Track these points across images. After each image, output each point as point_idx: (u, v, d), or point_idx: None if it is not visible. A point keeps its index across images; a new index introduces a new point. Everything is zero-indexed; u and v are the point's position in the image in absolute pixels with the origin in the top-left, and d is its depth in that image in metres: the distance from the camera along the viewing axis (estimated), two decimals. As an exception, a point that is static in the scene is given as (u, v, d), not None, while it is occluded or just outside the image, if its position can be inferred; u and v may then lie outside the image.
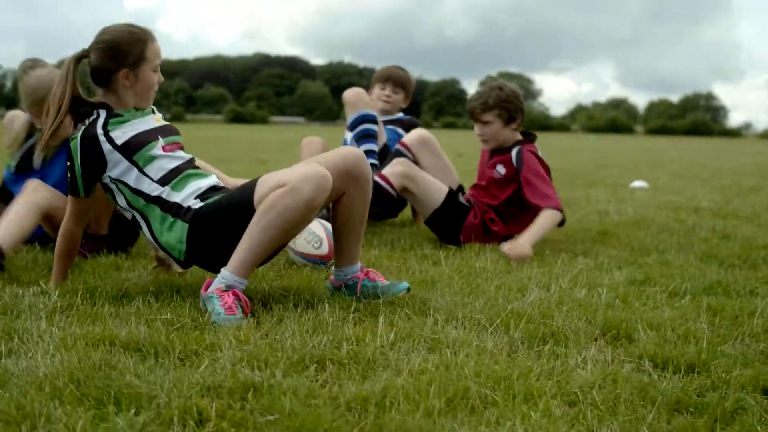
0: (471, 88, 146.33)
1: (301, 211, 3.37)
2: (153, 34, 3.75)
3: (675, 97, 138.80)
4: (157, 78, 3.78)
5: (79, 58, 3.72)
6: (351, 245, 3.80)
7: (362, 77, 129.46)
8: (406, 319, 3.31)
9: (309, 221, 3.62)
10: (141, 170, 3.63)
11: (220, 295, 3.33)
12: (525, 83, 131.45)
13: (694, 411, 2.41)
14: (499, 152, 5.50)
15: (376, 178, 5.22)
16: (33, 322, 3.15)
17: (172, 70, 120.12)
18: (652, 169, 16.26)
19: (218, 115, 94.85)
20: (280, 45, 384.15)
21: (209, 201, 3.62)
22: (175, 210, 3.60)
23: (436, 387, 2.46)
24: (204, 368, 2.63)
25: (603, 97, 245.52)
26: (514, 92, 5.47)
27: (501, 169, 5.43)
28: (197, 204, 3.61)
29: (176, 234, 3.59)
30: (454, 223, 5.44)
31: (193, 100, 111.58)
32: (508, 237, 5.29)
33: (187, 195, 3.63)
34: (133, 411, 2.25)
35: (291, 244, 4.43)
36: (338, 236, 3.80)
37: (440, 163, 5.81)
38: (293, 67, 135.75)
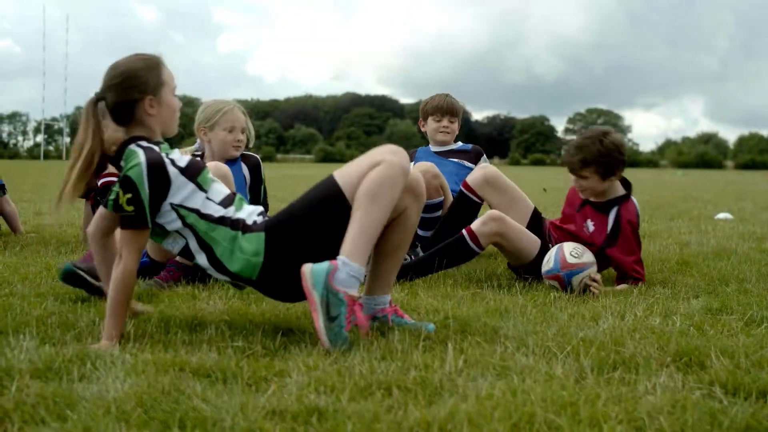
0: (560, 125, 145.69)
1: (401, 180, 3.48)
2: (162, 59, 3.70)
3: (766, 132, 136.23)
4: (176, 102, 3.75)
5: (96, 101, 3.59)
6: (390, 271, 3.81)
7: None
8: (476, 346, 3.31)
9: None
10: (205, 193, 3.55)
11: (350, 304, 3.30)
12: (614, 119, 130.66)
13: (764, 437, 2.36)
14: (593, 205, 5.21)
15: (464, 233, 5.08)
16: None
17: (264, 110, 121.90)
18: (738, 201, 15.98)
19: (308, 155, 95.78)
20: (369, 85, 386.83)
21: (273, 216, 3.58)
22: (243, 226, 3.52)
23: (501, 412, 2.45)
24: (271, 393, 2.66)
25: (692, 133, 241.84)
26: (615, 145, 5.08)
27: (590, 226, 5.18)
28: (261, 219, 3.58)
29: (251, 246, 3.45)
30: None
31: (284, 140, 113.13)
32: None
33: (249, 214, 3.60)
34: (198, 433, 2.29)
35: None
36: (381, 259, 3.78)
37: (511, 198, 5.50)
38: (382, 106, 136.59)
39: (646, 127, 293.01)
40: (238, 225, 3.51)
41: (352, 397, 2.64)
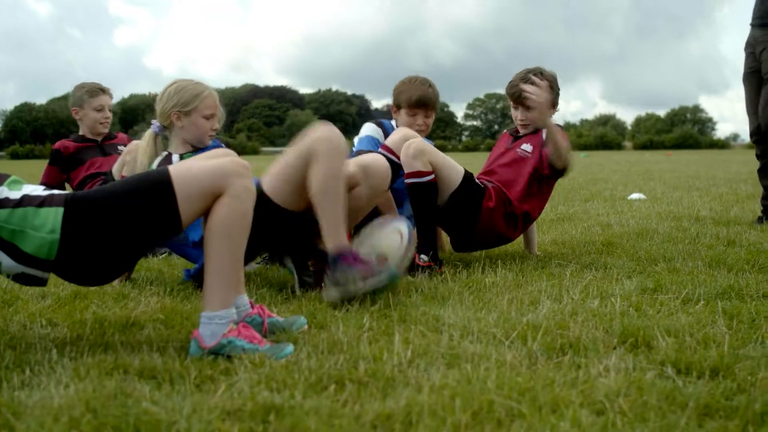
0: (459, 111, 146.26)
1: (251, 207, 3.21)
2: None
3: (662, 112, 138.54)
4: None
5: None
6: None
7: (351, 104, 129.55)
8: (420, 336, 3.27)
9: None
10: None
11: (236, 334, 3.10)
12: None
13: (723, 415, 2.36)
14: (527, 134, 5.45)
15: (384, 153, 5.01)
16: (43, 354, 3.10)
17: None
18: (647, 181, 16.23)
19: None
20: (269, 76, 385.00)
21: (79, 192, 3.15)
22: (27, 201, 3.05)
23: (460, 401, 2.41)
24: (222, 392, 2.59)
25: (591, 115, 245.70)
26: (555, 75, 5.44)
27: (527, 147, 5.33)
28: (58, 192, 3.14)
29: (44, 223, 3.01)
30: (473, 206, 5.06)
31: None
32: (527, 215, 5.28)
33: (32, 190, 3.13)
34: (154, 438, 2.21)
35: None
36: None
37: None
38: (282, 97, 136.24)
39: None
40: (23, 202, 3.03)
41: (305, 392, 2.58)
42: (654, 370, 2.76)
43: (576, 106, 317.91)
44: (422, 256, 4.92)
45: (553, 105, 5.38)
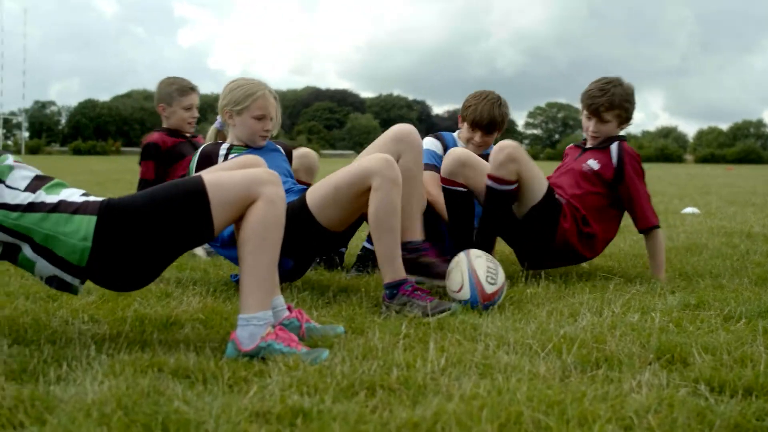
0: (520, 119, 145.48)
1: (284, 212, 3.28)
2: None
3: (725, 126, 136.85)
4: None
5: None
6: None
7: (411, 109, 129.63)
8: (456, 345, 3.28)
9: None
10: (2, 182, 3.11)
11: (273, 337, 3.10)
12: (574, 113, 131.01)
13: (753, 435, 2.34)
14: (593, 148, 5.21)
15: (489, 182, 4.81)
16: (82, 350, 3.15)
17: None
18: (703, 195, 16.08)
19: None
20: (331, 79, 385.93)
21: (112, 200, 3.18)
22: (63, 207, 3.12)
23: (488, 412, 2.42)
24: (253, 394, 2.61)
25: (652, 127, 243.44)
26: (632, 90, 5.22)
27: (594, 164, 5.09)
28: (93, 198, 3.19)
29: (77, 230, 3.07)
30: (551, 222, 4.90)
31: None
32: (606, 240, 5.20)
33: (69, 195, 3.18)
34: (182, 437, 2.24)
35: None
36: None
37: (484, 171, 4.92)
38: (343, 100, 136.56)
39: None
40: (58, 208, 3.09)
41: (335, 397, 2.60)
42: (687, 387, 2.74)
43: (638, 117, 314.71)
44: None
45: (627, 119, 5.24)
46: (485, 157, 5.34)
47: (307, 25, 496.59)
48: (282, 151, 4.97)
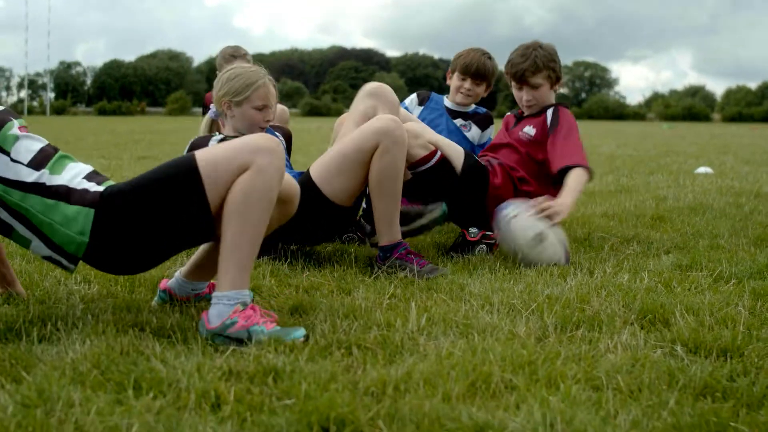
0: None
1: (276, 186, 3.00)
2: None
3: (753, 84, 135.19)
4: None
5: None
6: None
7: (438, 68, 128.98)
8: (441, 304, 3.30)
9: None
10: (7, 154, 2.98)
11: (242, 316, 2.89)
12: (600, 72, 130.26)
13: (720, 396, 2.34)
14: (529, 115, 5.02)
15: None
16: (69, 309, 3.19)
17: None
18: (721, 154, 15.99)
19: (294, 109, 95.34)
20: (356, 38, 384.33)
21: (110, 188, 3.01)
22: (65, 193, 2.97)
23: (459, 371, 2.43)
24: (229, 353, 2.64)
25: (680, 85, 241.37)
26: (554, 49, 5.01)
27: (530, 131, 4.92)
28: (94, 187, 3.02)
29: (74, 223, 2.94)
30: (480, 184, 4.69)
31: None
32: (534, 195, 4.72)
33: (73, 176, 3.03)
34: (151, 395, 2.27)
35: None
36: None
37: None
38: (369, 59, 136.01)
39: (634, 80, 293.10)
40: (59, 193, 2.96)
41: (311, 357, 2.62)
42: (664, 348, 2.75)
43: (666, 76, 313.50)
44: (471, 230, 4.65)
45: (557, 79, 5.02)
46: (474, 117, 5.64)
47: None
48: (281, 138, 4.70)
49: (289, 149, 5.08)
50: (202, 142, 4.29)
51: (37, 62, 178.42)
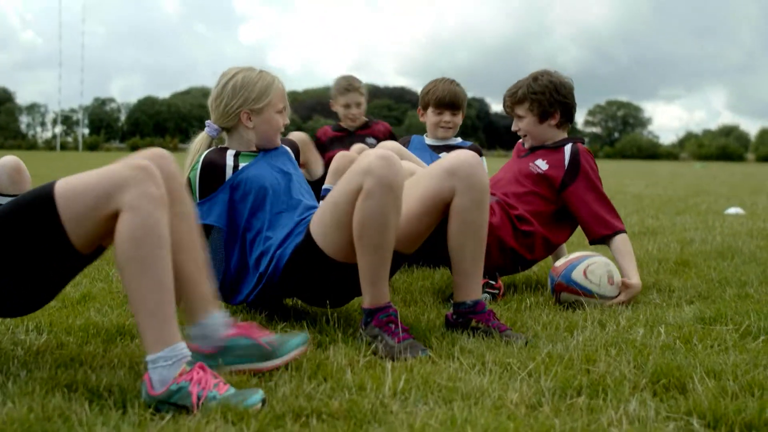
0: (580, 117, 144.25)
1: (164, 227, 2.57)
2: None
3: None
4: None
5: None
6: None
7: (470, 107, 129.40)
8: (425, 363, 2.90)
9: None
10: None
11: (191, 379, 2.49)
12: (633, 111, 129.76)
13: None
14: (545, 147, 4.62)
15: None
16: (5, 363, 2.83)
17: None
18: (753, 195, 15.50)
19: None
20: (389, 76, 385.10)
21: None
22: None
23: (430, 450, 2.04)
24: (167, 422, 2.27)
25: (714, 125, 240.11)
26: (553, 83, 4.56)
27: (542, 164, 4.53)
28: None
29: None
30: None
31: (303, 132, 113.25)
32: (546, 240, 4.48)
33: None
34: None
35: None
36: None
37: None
38: (401, 98, 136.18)
39: (668, 119, 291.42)
40: None
41: (261, 428, 2.24)
42: (678, 421, 2.34)
43: (700, 115, 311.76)
44: None
45: (546, 113, 4.60)
46: (453, 148, 5.31)
47: (367, 22, 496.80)
48: (290, 152, 4.14)
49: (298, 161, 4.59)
50: (218, 159, 3.76)
51: (72, 98, 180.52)
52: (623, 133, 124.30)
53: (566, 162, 4.50)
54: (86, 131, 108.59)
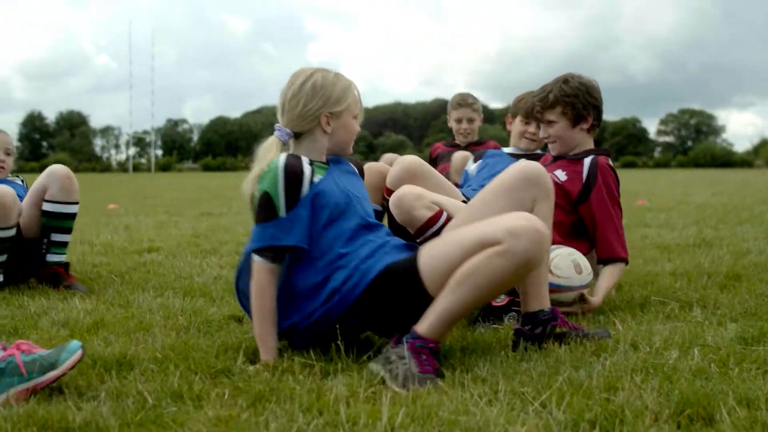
0: (652, 126, 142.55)
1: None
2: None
3: None
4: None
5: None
6: None
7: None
8: (432, 393, 2.69)
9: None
10: None
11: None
12: (706, 119, 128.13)
13: None
14: (566, 157, 4.50)
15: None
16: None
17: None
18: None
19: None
20: (459, 90, 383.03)
21: None
22: None
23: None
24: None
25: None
26: (584, 85, 4.43)
27: (561, 175, 4.41)
28: None
29: None
30: None
31: (374, 148, 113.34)
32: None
33: None
34: None
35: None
36: None
37: (436, 185, 4.38)
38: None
39: (742, 127, 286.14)
40: None
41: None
42: (697, 460, 2.11)
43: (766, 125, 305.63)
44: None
45: (580, 117, 4.45)
46: (536, 157, 5.12)
47: (436, 36, 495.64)
48: (356, 170, 3.80)
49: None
50: (297, 165, 3.32)
51: (144, 120, 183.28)
52: (696, 141, 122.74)
53: (584, 176, 4.35)
54: (159, 152, 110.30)
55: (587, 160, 4.39)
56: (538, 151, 5.48)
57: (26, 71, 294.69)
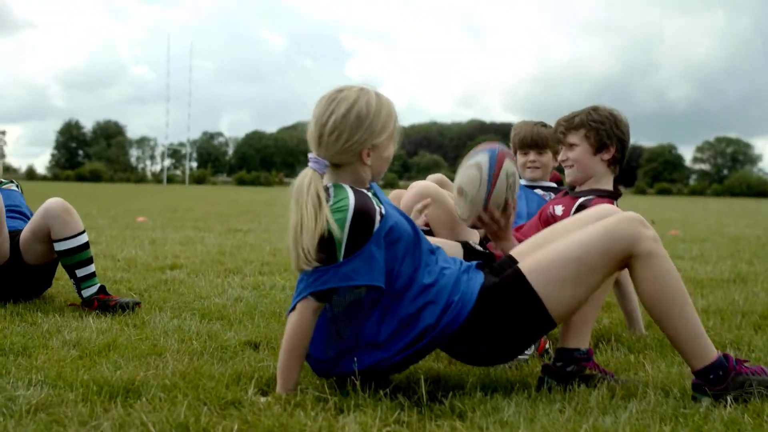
0: (688, 153, 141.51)
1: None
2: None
3: None
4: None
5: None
6: None
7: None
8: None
9: None
10: None
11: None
12: (743, 148, 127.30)
13: None
14: (571, 194, 4.37)
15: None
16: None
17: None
18: None
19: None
20: (496, 112, 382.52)
21: None
22: None
23: None
24: None
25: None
26: (613, 116, 4.29)
27: (558, 209, 4.27)
28: None
29: None
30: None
31: (408, 167, 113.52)
32: None
33: None
34: None
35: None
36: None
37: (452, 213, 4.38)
38: (508, 133, 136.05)
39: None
40: None
41: None
42: None
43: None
44: None
45: (603, 145, 4.31)
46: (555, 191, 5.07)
47: (474, 57, 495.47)
48: None
49: None
50: (369, 205, 3.10)
51: (181, 132, 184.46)
52: (732, 170, 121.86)
53: (571, 212, 4.15)
54: (194, 165, 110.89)
55: (580, 199, 4.23)
56: (553, 184, 5.32)
57: (65, 80, 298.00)
